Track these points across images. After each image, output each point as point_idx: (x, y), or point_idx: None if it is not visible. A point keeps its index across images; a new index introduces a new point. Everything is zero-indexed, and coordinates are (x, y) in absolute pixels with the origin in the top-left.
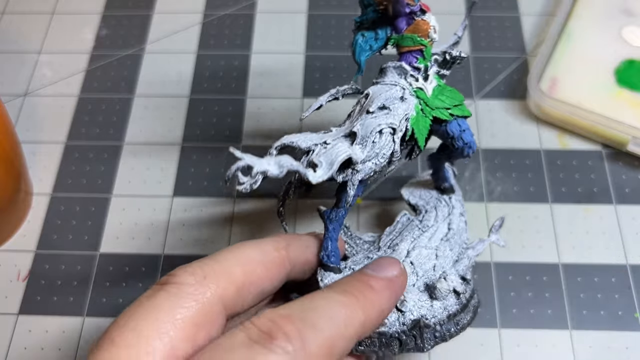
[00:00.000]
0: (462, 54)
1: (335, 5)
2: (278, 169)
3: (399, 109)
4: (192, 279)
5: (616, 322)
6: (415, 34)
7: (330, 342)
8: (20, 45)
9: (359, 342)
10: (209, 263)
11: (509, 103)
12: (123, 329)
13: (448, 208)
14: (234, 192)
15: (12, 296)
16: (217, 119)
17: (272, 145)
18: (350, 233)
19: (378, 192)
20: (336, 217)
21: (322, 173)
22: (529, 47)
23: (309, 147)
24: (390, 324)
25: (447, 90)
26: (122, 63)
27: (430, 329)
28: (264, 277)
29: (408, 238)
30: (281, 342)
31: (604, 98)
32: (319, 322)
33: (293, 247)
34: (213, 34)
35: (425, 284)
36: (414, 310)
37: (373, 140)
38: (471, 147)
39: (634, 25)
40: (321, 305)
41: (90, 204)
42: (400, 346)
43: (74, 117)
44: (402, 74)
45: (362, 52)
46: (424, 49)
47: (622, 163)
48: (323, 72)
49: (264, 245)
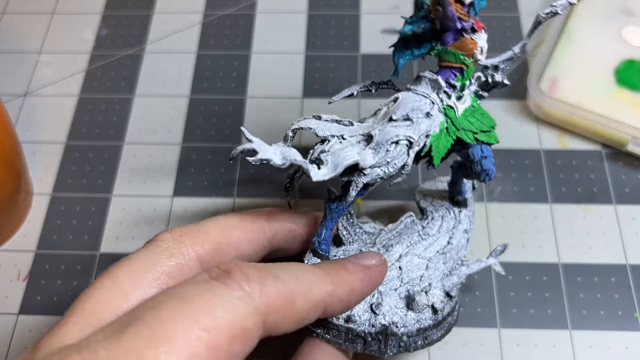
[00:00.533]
0: (505, 80)
1: (335, 5)
2: (281, 160)
3: (422, 124)
4: (169, 237)
5: (616, 322)
6: (460, 51)
7: (290, 294)
8: (20, 45)
9: (326, 330)
10: (188, 225)
11: (508, 103)
12: (102, 276)
13: (454, 222)
14: (234, 192)
15: (12, 296)
16: (217, 119)
17: (290, 126)
18: (352, 220)
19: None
20: (336, 209)
21: (326, 172)
22: (529, 47)
23: (326, 136)
24: (360, 322)
25: (478, 114)
26: (122, 63)
27: (396, 338)
28: (242, 239)
29: (405, 242)
30: (238, 279)
31: (603, 98)
32: (282, 275)
33: (274, 217)
34: (213, 34)
35: (408, 291)
36: (387, 315)
37: (387, 148)
38: (489, 175)
39: (634, 25)
40: (289, 266)
41: (90, 204)
42: (363, 345)
43: (74, 117)
44: (435, 88)
45: (402, 55)
46: (465, 68)
47: (622, 163)
48: (323, 72)
49: (243, 214)
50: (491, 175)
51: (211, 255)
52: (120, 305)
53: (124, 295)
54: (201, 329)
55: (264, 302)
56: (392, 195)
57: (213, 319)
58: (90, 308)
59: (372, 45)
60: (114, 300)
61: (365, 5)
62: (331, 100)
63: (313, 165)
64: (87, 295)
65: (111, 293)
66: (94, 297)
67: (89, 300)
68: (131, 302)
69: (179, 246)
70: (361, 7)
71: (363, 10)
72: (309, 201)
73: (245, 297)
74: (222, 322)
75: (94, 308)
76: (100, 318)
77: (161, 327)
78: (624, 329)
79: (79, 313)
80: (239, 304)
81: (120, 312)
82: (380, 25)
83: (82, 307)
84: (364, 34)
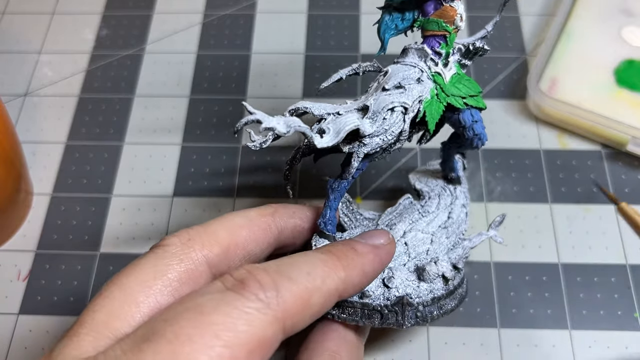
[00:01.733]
0: (486, 46)
1: (335, 5)
2: (286, 128)
3: (414, 90)
4: (177, 241)
5: (616, 322)
6: (442, 19)
7: (306, 294)
8: (20, 46)
9: (342, 309)
10: (195, 228)
11: (508, 103)
12: (110, 284)
13: (451, 198)
14: (234, 192)
15: (12, 296)
16: (217, 119)
17: (288, 108)
18: (353, 208)
19: (388, 181)
20: (338, 188)
21: (329, 139)
22: (529, 47)
23: (322, 114)
24: (375, 296)
25: (465, 80)
26: (122, 63)
27: (412, 308)
28: (249, 239)
29: (407, 220)
30: (254, 289)
31: (603, 98)
32: (294, 275)
33: (279, 213)
34: (213, 34)
35: (416, 265)
36: (400, 287)
37: (384, 116)
38: (481, 139)
39: (634, 25)
40: (299, 261)
41: (90, 204)
42: (381, 319)
43: (74, 117)
44: (422, 56)
45: (387, 30)
46: (447, 35)
47: (621, 163)
48: (323, 72)
49: (249, 212)
50: (483, 140)
51: (219, 258)
52: (132, 315)
53: (135, 304)
54: (222, 346)
55: (281, 309)
56: (391, 195)
57: (233, 333)
58: (102, 319)
59: (372, 45)
60: (125, 310)
61: (365, 5)
62: (320, 87)
63: (316, 134)
64: (97, 305)
65: (122, 302)
66: (105, 307)
67: (99, 311)
68: (143, 310)
69: (188, 251)
70: (361, 7)
71: (363, 10)
72: (306, 200)
73: (263, 307)
74: (242, 336)
75: (106, 319)
76: (113, 329)
77: (182, 343)
78: (624, 329)
79: (90, 324)
80: (257, 315)
81: (133, 321)
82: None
83: (93, 318)
84: (364, 34)
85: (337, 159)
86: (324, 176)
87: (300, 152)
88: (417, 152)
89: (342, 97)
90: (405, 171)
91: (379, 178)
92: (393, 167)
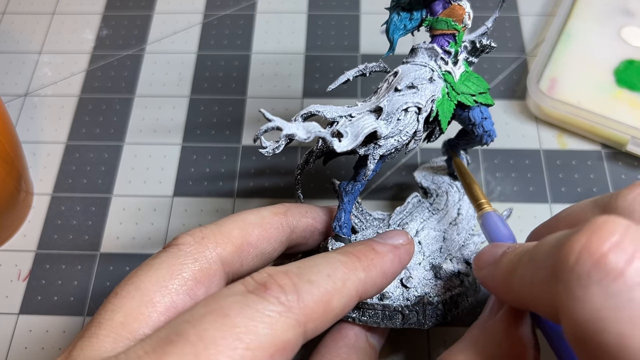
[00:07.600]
0: (492, 43)
1: (335, 5)
2: (305, 134)
3: (427, 90)
4: (191, 240)
5: None
6: (450, 17)
7: (327, 297)
8: (20, 46)
9: (362, 312)
10: (209, 227)
11: (508, 103)
12: (125, 284)
13: (459, 194)
14: (234, 192)
15: (12, 296)
16: (217, 119)
17: (299, 112)
18: (362, 209)
19: (389, 179)
20: (352, 190)
21: (347, 143)
22: (529, 47)
23: (334, 118)
24: (394, 297)
25: (473, 77)
26: (122, 63)
27: (432, 307)
28: (262, 238)
29: (418, 218)
30: (275, 292)
31: (603, 98)
32: (315, 278)
33: (291, 212)
34: (213, 34)
35: (431, 263)
36: (418, 287)
37: (398, 117)
38: (491, 136)
39: (634, 26)
40: (320, 263)
41: (90, 204)
42: (402, 320)
43: (75, 117)
44: (432, 55)
45: (396, 30)
46: (456, 33)
47: (621, 163)
48: (323, 72)
49: (262, 211)
50: (493, 136)
51: (232, 257)
52: (149, 315)
53: (152, 304)
54: (245, 348)
55: (302, 313)
56: (392, 194)
57: (255, 336)
58: (120, 319)
59: (372, 45)
60: (142, 311)
61: (365, 5)
62: (328, 89)
63: (334, 138)
64: (113, 305)
65: (139, 302)
66: (122, 308)
67: (117, 311)
68: (159, 310)
69: (202, 249)
70: (361, 7)
71: (363, 11)
72: (311, 201)
73: (284, 311)
74: (264, 340)
75: (124, 319)
76: (132, 329)
77: (205, 346)
78: None
79: (108, 325)
80: (279, 319)
81: (151, 322)
82: (379, 26)
83: (111, 319)
84: (364, 34)
85: (337, 159)
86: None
87: (313, 155)
88: (417, 150)
89: (342, 97)
90: (405, 170)
91: (379, 178)
92: (393, 166)
